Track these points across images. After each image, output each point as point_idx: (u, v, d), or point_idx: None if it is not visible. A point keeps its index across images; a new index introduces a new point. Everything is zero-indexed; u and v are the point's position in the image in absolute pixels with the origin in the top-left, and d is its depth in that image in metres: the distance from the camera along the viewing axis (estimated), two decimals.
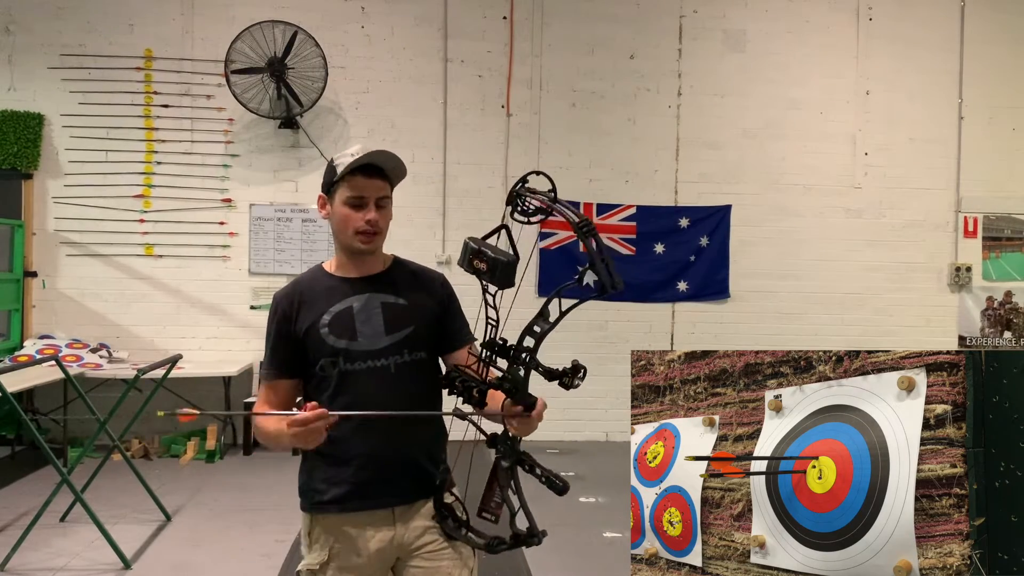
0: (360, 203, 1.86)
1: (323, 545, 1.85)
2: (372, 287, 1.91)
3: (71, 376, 4.66)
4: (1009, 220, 7.49)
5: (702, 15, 7.20)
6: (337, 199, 1.88)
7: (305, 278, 1.96)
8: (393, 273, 1.97)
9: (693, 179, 7.20)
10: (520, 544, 1.67)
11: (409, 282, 1.96)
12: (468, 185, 6.96)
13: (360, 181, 1.85)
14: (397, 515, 1.87)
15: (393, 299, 1.91)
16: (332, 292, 1.90)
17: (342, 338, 1.85)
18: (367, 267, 1.93)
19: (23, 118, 6.50)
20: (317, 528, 1.87)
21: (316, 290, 1.91)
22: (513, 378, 1.62)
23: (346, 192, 1.86)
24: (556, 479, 1.60)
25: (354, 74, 6.88)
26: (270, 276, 6.77)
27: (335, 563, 1.83)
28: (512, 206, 1.62)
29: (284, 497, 5.05)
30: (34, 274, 6.61)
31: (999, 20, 7.44)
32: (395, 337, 1.87)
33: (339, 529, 1.85)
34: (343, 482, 1.84)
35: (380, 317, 1.88)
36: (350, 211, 1.86)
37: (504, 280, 1.59)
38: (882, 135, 7.35)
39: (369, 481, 1.84)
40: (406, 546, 1.88)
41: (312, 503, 1.88)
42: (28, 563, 3.93)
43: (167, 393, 6.09)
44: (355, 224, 1.86)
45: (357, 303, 1.88)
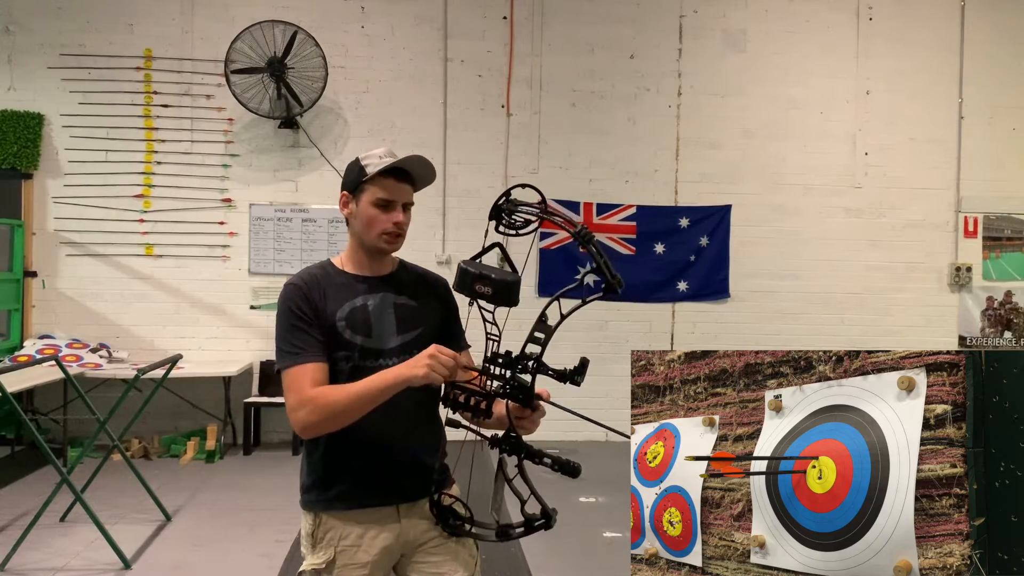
0: (388, 205, 1.87)
1: (328, 544, 1.85)
2: (386, 287, 1.93)
3: (71, 376, 4.67)
4: (1009, 220, 7.49)
5: (702, 15, 7.20)
6: (364, 199, 1.87)
7: (317, 270, 1.94)
8: (401, 275, 1.99)
9: (693, 179, 7.20)
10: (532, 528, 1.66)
11: (417, 285, 1.99)
12: (468, 185, 6.95)
13: (392, 184, 1.86)
14: (402, 512, 1.87)
15: (405, 300, 1.93)
16: (348, 288, 1.90)
17: (357, 334, 1.85)
18: (380, 267, 1.95)
19: (23, 118, 6.50)
20: (322, 527, 1.86)
21: (332, 284, 1.90)
22: (520, 385, 1.63)
23: (376, 193, 1.86)
24: (568, 462, 1.61)
25: (354, 74, 6.88)
26: (270, 276, 6.77)
27: (341, 561, 1.83)
28: (497, 220, 1.62)
29: (284, 497, 5.05)
30: (34, 274, 6.62)
31: (999, 20, 7.45)
32: (405, 337, 1.89)
33: (344, 527, 1.85)
34: (348, 480, 1.84)
35: (393, 317, 1.89)
36: (378, 212, 1.86)
37: (510, 300, 1.60)
38: (882, 135, 7.35)
39: (374, 479, 1.84)
40: (410, 543, 1.88)
41: (316, 501, 1.88)
42: (28, 563, 3.94)
43: (167, 393, 6.10)
44: (382, 225, 1.86)
45: (372, 301, 1.89)
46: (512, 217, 1.61)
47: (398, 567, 1.92)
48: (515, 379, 1.63)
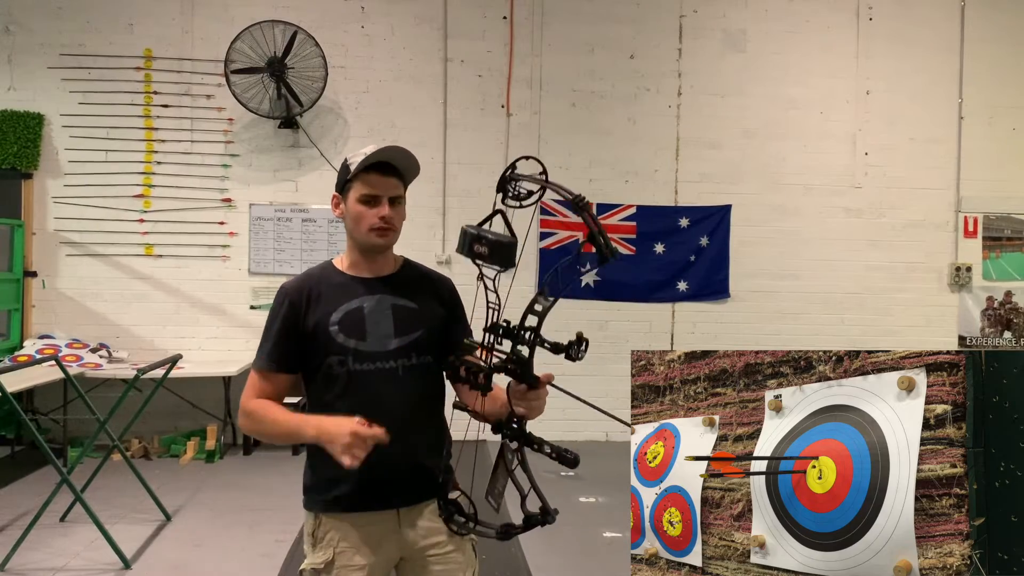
0: (373, 200, 1.85)
1: (328, 544, 1.85)
2: (384, 288, 1.91)
3: (71, 376, 4.67)
4: (1009, 220, 7.49)
5: (702, 15, 7.20)
6: (351, 197, 1.87)
7: (316, 272, 1.95)
8: (404, 275, 1.97)
9: (693, 179, 7.20)
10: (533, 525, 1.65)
11: (419, 285, 1.96)
12: (468, 185, 6.95)
13: (373, 178, 1.85)
14: (402, 516, 1.87)
15: (404, 302, 1.90)
16: (343, 290, 1.89)
17: (351, 337, 1.84)
18: (379, 267, 1.93)
19: (23, 118, 6.50)
20: (322, 527, 1.86)
21: (327, 286, 1.90)
22: (518, 358, 1.62)
23: (360, 190, 1.85)
24: (566, 452, 1.61)
25: (354, 74, 6.88)
26: (270, 276, 6.77)
27: (339, 562, 1.83)
28: (503, 192, 1.65)
29: (284, 497, 5.05)
30: (34, 274, 6.61)
31: (999, 20, 7.44)
32: (404, 340, 1.87)
33: (344, 529, 1.84)
34: (349, 482, 1.82)
35: (390, 319, 1.87)
36: (364, 208, 1.86)
37: (505, 260, 1.61)
38: (882, 135, 7.35)
39: (375, 482, 1.83)
40: (411, 547, 1.88)
41: (317, 502, 1.88)
42: (28, 563, 3.93)
43: (167, 393, 6.10)
44: (369, 221, 1.86)
45: (368, 303, 1.87)
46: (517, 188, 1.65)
47: (398, 569, 1.92)
48: (514, 353, 1.61)
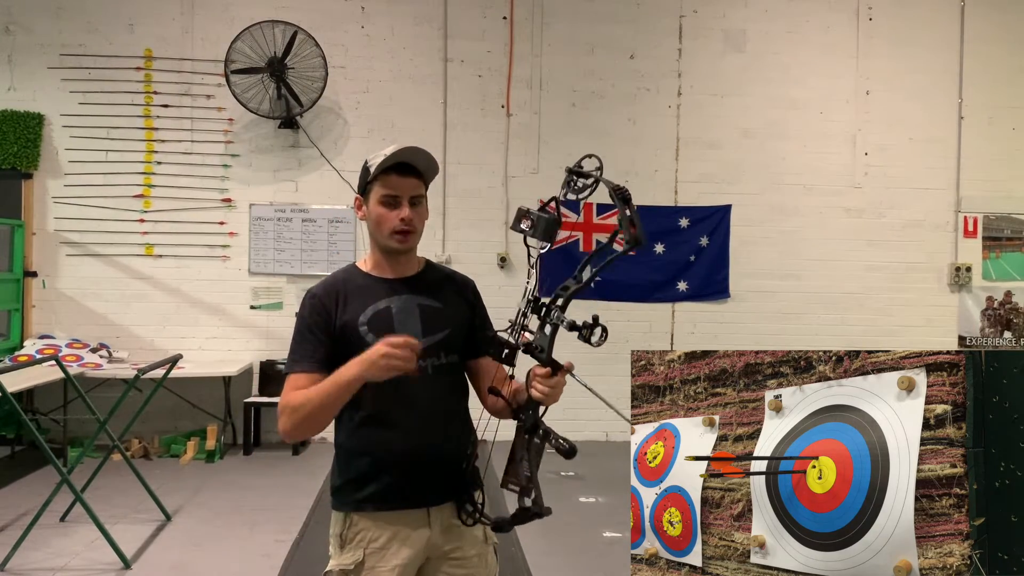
0: (394, 202, 1.86)
1: (357, 545, 1.84)
2: (409, 289, 1.92)
3: (71, 376, 4.67)
4: (1009, 220, 7.49)
5: (702, 15, 7.20)
6: (372, 199, 1.88)
7: (341, 275, 1.96)
8: (428, 276, 1.98)
9: (693, 179, 7.20)
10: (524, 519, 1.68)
11: (444, 286, 1.98)
12: (468, 185, 6.95)
13: (393, 180, 1.86)
14: (432, 515, 1.88)
15: (430, 302, 1.92)
16: (370, 291, 1.90)
17: (380, 337, 1.83)
18: (403, 268, 1.94)
19: (23, 118, 6.50)
20: (352, 528, 1.86)
21: (354, 287, 1.91)
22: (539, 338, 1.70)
23: (380, 191, 1.86)
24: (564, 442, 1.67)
25: (354, 74, 6.88)
26: (270, 276, 6.78)
27: (370, 563, 1.83)
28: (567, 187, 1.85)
29: (284, 497, 5.04)
30: (34, 274, 6.61)
31: (999, 20, 7.44)
32: (432, 339, 1.88)
33: (375, 529, 1.85)
34: (380, 481, 1.83)
35: (418, 319, 1.89)
36: (385, 210, 1.86)
37: (546, 234, 1.77)
38: (882, 135, 7.35)
39: (406, 479, 1.84)
40: (436, 548, 1.88)
41: (347, 501, 1.88)
42: (28, 563, 3.94)
43: (167, 393, 6.10)
44: (390, 223, 1.86)
45: (396, 304, 1.89)
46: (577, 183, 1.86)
47: (423, 570, 1.92)
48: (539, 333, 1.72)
